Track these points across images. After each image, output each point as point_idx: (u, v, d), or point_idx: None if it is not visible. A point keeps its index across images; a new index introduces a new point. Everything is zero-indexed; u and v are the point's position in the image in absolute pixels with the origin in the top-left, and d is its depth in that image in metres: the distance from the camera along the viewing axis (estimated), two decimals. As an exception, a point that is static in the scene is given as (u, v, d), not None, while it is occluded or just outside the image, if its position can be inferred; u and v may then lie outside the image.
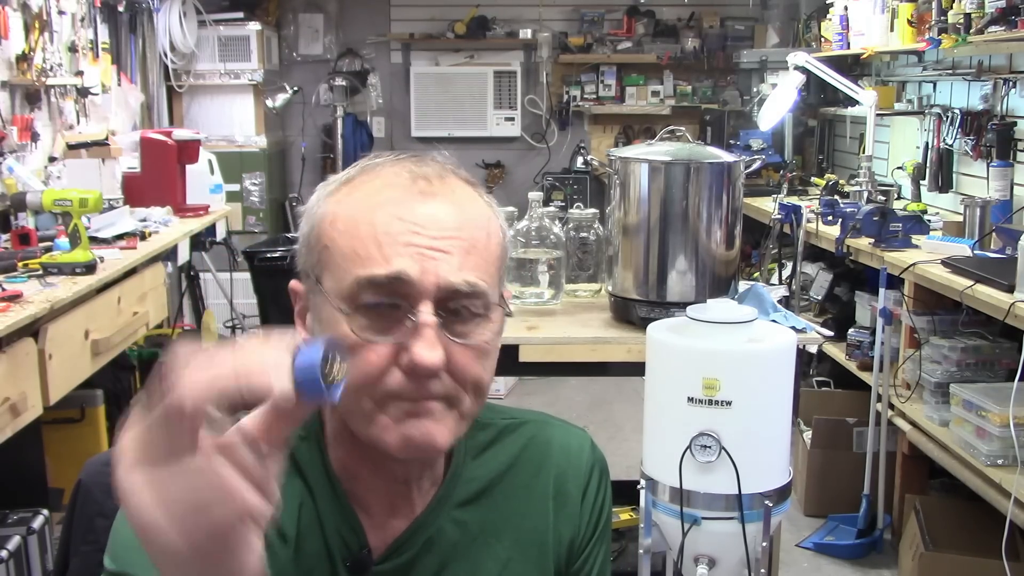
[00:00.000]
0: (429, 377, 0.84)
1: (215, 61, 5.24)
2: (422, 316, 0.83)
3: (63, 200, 2.80)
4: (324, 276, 0.87)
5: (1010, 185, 3.38)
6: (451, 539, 0.96)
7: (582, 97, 5.80)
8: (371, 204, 0.87)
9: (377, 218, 0.86)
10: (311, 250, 0.89)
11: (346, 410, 0.87)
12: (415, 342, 0.83)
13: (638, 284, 2.26)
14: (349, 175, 0.91)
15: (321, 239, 0.88)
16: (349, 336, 0.84)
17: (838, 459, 3.49)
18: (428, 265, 0.84)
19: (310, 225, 0.90)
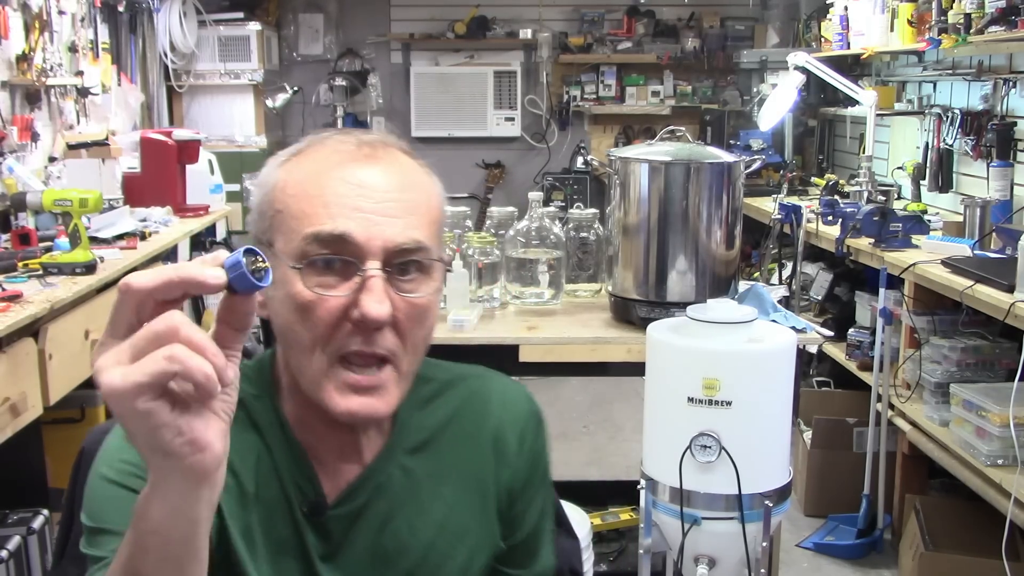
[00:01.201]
0: (377, 330, 0.91)
1: (215, 61, 5.24)
2: (370, 271, 0.91)
3: (63, 200, 2.80)
4: (276, 239, 0.94)
5: (1010, 185, 3.38)
6: (399, 485, 1.02)
7: (582, 97, 5.80)
8: (319, 169, 0.94)
9: (325, 181, 0.93)
10: (263, 216, 0.96)
11: (299, 368, 0.94)
12: (364, 296, 0.90)
13: (638, 284, 2.26)
14: (299, 147, 0.98)
15: (273, 204, 0.95)
16: (303, 293, 0.91)
17: (838, 459, 3.49)
18: (374, 228, 0.91)
19: (262, 193, 0.97)
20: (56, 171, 3.69)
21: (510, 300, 2.49)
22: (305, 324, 0.92)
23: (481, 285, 2.44)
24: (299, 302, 0.92)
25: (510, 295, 2.49)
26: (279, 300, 0.94)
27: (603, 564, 2.68)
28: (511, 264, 2.48)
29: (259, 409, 1.00)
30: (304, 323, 0.92)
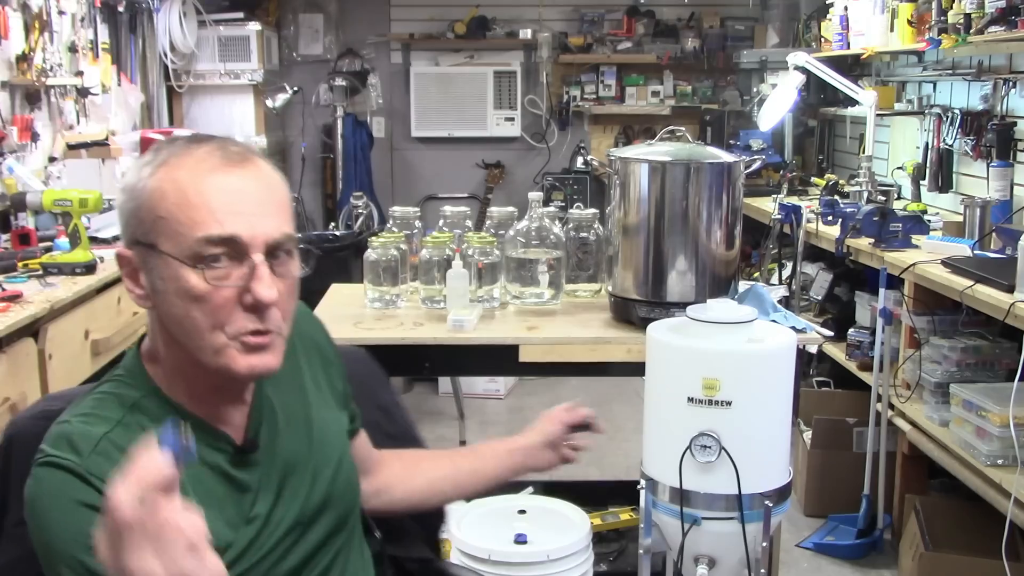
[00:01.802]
0: (267, 309, 1.10)
1: (215, 61, 5.24)
2: (258, 262, 1.09)
3: (63, 200, 2.80)
4: (160, 241, 1.09)
5: (1010, 185, 3.39)
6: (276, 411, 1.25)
7: (582, 97, 5.80)
8: (195, 178, 1.09)
9: (205, 189, 1.09)
10: (142, 221, 1.10)
11: (197, 347, 1.11)
12: (255, 283, 1.09)
13: (638, 284, 2.26)
14: (160, 158, 1.11)
15: (154, 211, 1.09)
16: (199, 285, 1.08)
17: (838, 459, 3.49)
18: (256, 227, 1.10)
19: (136, 201, 1.10)
20: (56, 171, 3.69)
21: (510, 300, 2.49)
22: (203, 311, 1.09)
23: (481, 285, 2.44)
24: (196, 293, 1.08)
25: (510, 295, 2.49)
26: (172, 293, 1.10)
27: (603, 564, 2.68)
28: (511, 264, 2.48)
29: (150, 406, 1.15)
30: (201, 310, 1.09)
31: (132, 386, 1.16)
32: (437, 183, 5.96)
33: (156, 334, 1.17)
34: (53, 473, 1.07)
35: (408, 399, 4.89)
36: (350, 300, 2.53)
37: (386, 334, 2.27)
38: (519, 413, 4.75)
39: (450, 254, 2.42)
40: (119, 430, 1.11)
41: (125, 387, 1.17)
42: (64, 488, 1.06)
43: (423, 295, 2.47)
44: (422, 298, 2.47)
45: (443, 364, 2.38)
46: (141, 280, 1.13)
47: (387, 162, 5.95)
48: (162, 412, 1.14)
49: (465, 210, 2.69)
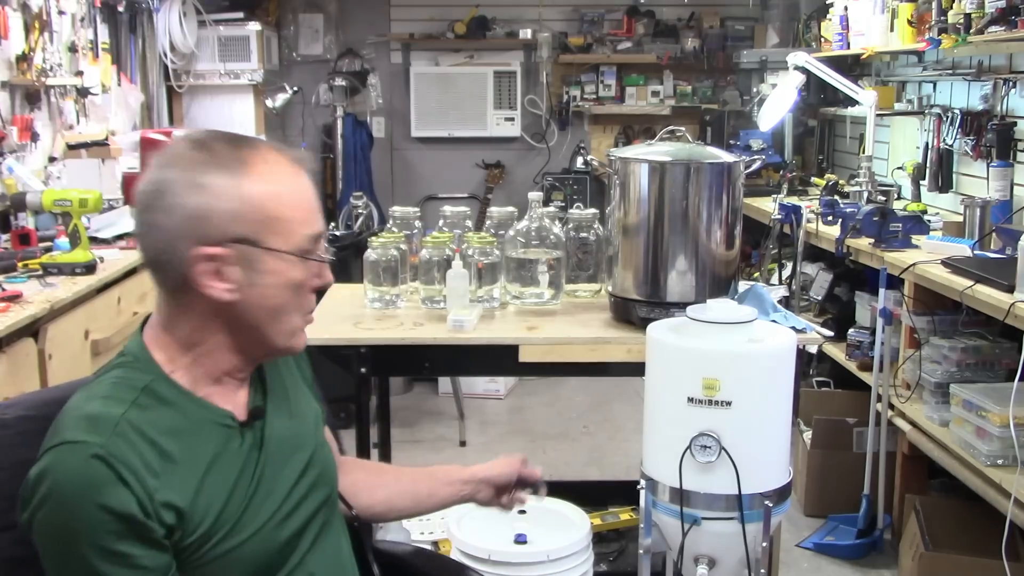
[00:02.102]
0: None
1: (215, 61, 5.23)
2: (328, 254, 1.29)
3: (63, 200, 2.80)
4: (270, 238, 1.21)
5: (1010, 185, 3.38)
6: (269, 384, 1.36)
7: (582, 97, 5.80)
8: (291, 181, 1.24)
9: (301, 191, 1.25)
10: (246, 221, 1.20)
11: (277, 331, 1.26)
12: (326, 271, 1.29)
13: (638, 284, 2.26)
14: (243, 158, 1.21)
15: (265, 211, 1.21)
16: (299, 276, 1.24)
17: (838, 459, 3.49)
18: (321, 220, 1.28)
19: (241, 202, 1.19)
20: (56, 171, 3.69)
21: (510, 300, 2.49)
22: (297, 298, 1.26)
23: (481, 285, 2.44)
24: (298, 283, 1.25)
25: (510, 295, 2.49)
26: (273, 284, 1.23)
27: (603, 564, 2.68)
28: (511, 264, 2.48)
29: (159, 389, 1.22)
30: (296, 297, 1.26)
31: (141, 370, 1.23)
32: (437, 183, 5.96)
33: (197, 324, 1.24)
34: (75, 454, 1.12)
35: (408, 399, 4.89)
36: (350, 300, 2.53)
37: (386, 334, 2.27)
38: (519, 413, 4.75)
39: (450, 254, 2.42)
40: (134, 411, 1.17)
41: (135, 371, 1.23)
42: (87, 471, 1.11)
43: (423, 295, 2.47)
44: (422, 298, 2.47)
45: (443, 364, 2.38)
46: (227, 274, 1.20)
47: (387, 162, 5.95)
48: (171, 394, 1.22)
49: (465, 210, 2.69)
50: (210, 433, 1.24)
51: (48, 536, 1.13)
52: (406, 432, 4.43)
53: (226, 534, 1.22)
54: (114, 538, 1.12)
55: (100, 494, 1.11)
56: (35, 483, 1.14)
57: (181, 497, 1.17)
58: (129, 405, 1.18)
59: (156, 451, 1.16)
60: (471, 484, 1.64)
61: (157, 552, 1.15)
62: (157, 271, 1.23)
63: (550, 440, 4.40)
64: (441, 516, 2.48)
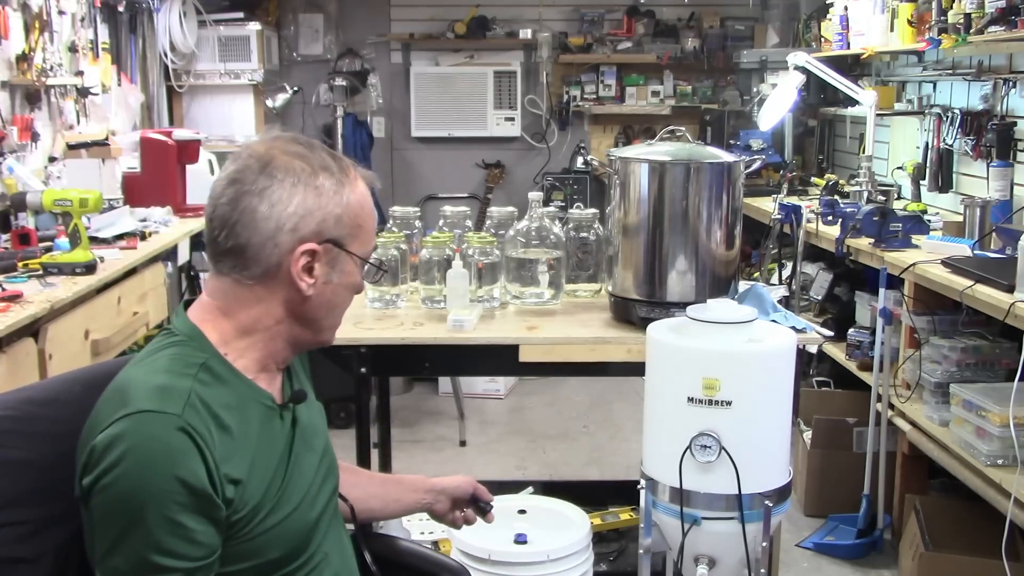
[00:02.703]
0: None
1: (215, 61, 5.23)
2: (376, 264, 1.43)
3: (63, 200, 2.80)
4: (351, 244, 1.33)
5: (1010, 185, 3.38)
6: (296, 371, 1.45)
7: (582, 97, 5.80)
8: (368, 196, 1.37)
9: (371, 205, 1.37)
10: (342, 225, 1.31)
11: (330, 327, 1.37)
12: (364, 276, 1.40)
13: (638, 284, 2.26)
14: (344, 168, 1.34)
15: (356, 219, 1.32)
16: (361, 281, 1.38)
17: (838, 459, 3.49)
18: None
19: (340, 208, 1.30)
20: (56, 171, 3.69)
21: (510, 300, 2.50)
22: (351, 299, 1.38)
23: (481, 285, 2.44)
24: (358, 285, 1.37)
25: (510, 295, 2.49)
26: (343, 284, 1.34)
27: (603, 564, 2.68)
28: (511, 264, 2.48)
29: (215, 367, 1.27)
30: (351, 298, 1.38)
31: (197, 348, 1.27)
32: (437, 183, 5.96)
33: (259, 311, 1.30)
34: (154, 423, 1.16)
35: (408, 399, 4.89)
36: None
37: (386, 334, 2.27)
38: (519, 413, 4.75)
39: (450, 254, 2.42)
40: (198, 386, 1.22)
41: (190, 349, 1.27)
42: (168, 440, 1.16)
43: (423, 295, 2.47)
44: (422, 298, 2.48)
45: (443, 364, 2.38)
46: (316, 271, 1.30)
47: (387, 162, 5.95)
48: (224, 373, 1.27)
49: (465, 210, 2.69)
50: (256, 412, 1.29)
51: (114, 501, 1.15)
52: (406, 432, 4.43)
53: (271, 510, 1.27)
54: (180, 509, 1.15)
55: (177, 464, 1.15)
56: (105, 449, 1.15)
57: (239, 471, 1.22)
58: (192, 379, 1.22)
59: (218, 425, 1.21)
60: (431, 493, 1.71)
61: (213, 530, 1.19)
62: (245, 257, 1.27)
63: (550, 440, 4.40)
64: (441, 516, 2.48)
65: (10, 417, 1.30)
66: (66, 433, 1.27)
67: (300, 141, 1.32)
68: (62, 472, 1.24)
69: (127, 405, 1.18)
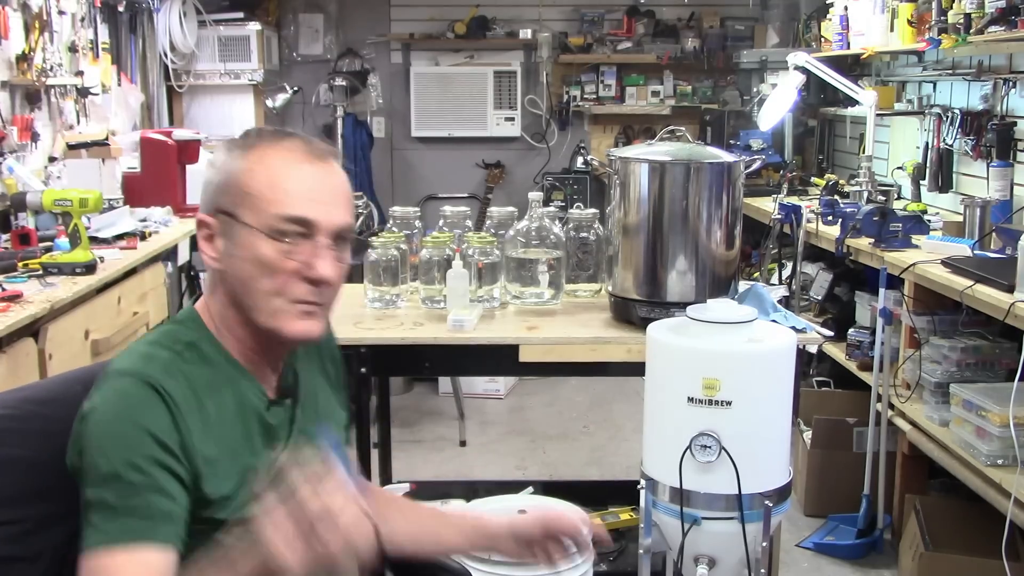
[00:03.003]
0: (322, 285, 1.27)
1: (215, 61, 5.24)
2: (324, 244, 1.26)
3: (63, 200, 2.80)
4: (242, 212, 1.25)
5: (1010, 185, 3.38)
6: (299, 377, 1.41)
7: (582, 97, 5.80)
8: (283, 165, 1.27)
9: (290, 175, 1.27)
10: (228, 194, 1.27)
11: (255, 307, 1.27)
12: (319, 261, 1.26)
13: (638, 284, 2.26)
14: (251, 143, 1.29)
15: (242, 187, 1.26)
16: (268, 254, 1.24)
17: (838, 459, 3.49)
18: (327, 215, 1.27)
19: (226, 176, 1.27)
20: (56, 171, 3.69)
21: (510, 300, 2.50)
22: (268, 277, 1.25)
23: (481, 285, 2.44)
24: (266, 261, 1.24)
25: (510, 295, 2.49)
26: (244, 258, 1.25)
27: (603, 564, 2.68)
28: (511, 264, 2.48)
29: (204, 348, 1.29)
30: (267, 276, 1.25)
31: (188, 329, 1.30)
32: (437, 183, 5.96)
33: (216, 294, 1.31)
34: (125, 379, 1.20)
35: (408, 399, 4.89)
36: (350, 300, 2.52)
37: (386, 334, 2.27)
38: (519, 413, 4.75)
39: (450, 254, 2.42)
40: (178, 360, 1.25)
41: (182, 329, 1.31)
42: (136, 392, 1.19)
43: (423, 295, 2.47)
44: (422, 298, 2.48)
45: (443, 364, 2.39)
46: (215, 243, 1.28)
47: (387, 162, 5.95)
48: (214, 355, 1.29)
49: (465, 210, 2.69)
50: (240, 399, 1.30)
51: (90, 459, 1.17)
52: (406, 432, 4.43)
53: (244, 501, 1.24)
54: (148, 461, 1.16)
55: (143, 415, 1.17)
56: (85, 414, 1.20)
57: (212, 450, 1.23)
58: (175, 355, 1.25)
59: (197, 401, 1.23)
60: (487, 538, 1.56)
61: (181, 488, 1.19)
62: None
63: (550, 440, 4.40)
64: (441, 516, 2.48)
65: (8, 416, 1.30)
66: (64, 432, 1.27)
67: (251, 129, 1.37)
68: (60, 471, 1.24)
69: (108, 369, 1.24)
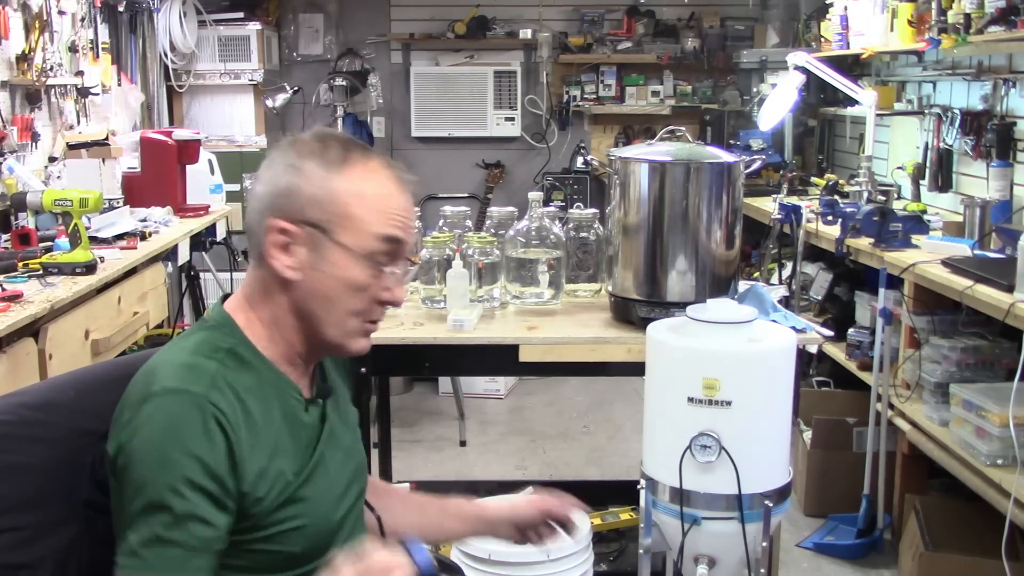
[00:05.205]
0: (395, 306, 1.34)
1: (215, 61, 5.24)
2: (406, 271, 1.34)
3: (63, 200, 2.80)
4: (339, 232, 1.26)
5: (1010, 185, 3.38)
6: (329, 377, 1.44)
7: (582, 97, 5.80)
8: (384, 190, 1.30)
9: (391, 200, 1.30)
10: (324, 210, 1.26)
11: (328, 323, 1.30)
12: (399, 289, 1.33)
13: (638, 284, 2.26)
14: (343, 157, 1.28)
15: (345, 206, 1.27)
16: (359, 277, 1.28)
17: (838, 459, 3.49)
18: (411, 240, 1.33)
19: (323, 190, 1.27)
20: (56, 171, 3.69)
21: (510, 300, 2.50)
22: (356, 298, 1.29)
23: (481, 285, 2.44)
24: (358, 284, 1.28)
25: (510, 295, 2.49)
26: (330, 275, 1.27)
27: (603, 564, 2.68)
28: (511, 264, 2.48)
29: (243, 353, 1.29)
30: (354, 298, 1.29)
31: (225, 334, 1.30)
32: (437, 183, 5.96)
33: (274, 300, 1.31)
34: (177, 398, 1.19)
35: (408, 399, 4.89)
36: (350, 300, 2.52)
37: (386, 334, 2.27)
38: (519, 413, 4.75)
39: (450, 254, 2.42)
40: (223, 369, 1.24)
41: (219, 335, 1.30)
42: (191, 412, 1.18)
43: (423, 295, 2.47)
44: (422, 298, 2.48)
45: (443, 364, 2.38)
46: (294, 252, 1.27)
47: (387, 162, 5.95)
48: (252, 358, 1.29)
49: (465, 210, 2.69)
50: (281, 401, 1.30)
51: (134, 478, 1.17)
52: (406, 432, 4.43)
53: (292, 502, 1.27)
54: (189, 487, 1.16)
55: (194, 441, 1.16)
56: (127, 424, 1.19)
57: (260, 458, 1.23)
58: (218, 364, 1.24)
59: (243, 408, 1.23)
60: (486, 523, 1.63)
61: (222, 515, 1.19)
62: (249, 238, 1.32)
63: (550, 440, 4.40)
64: (441, 516, 2.48)
65: (5, 422, 1.28)
66: (61, 438, 1.27)
67: (321, 133, 1.34)
68: (59, 477, 1.24)
69: (153, 384, 1.20)
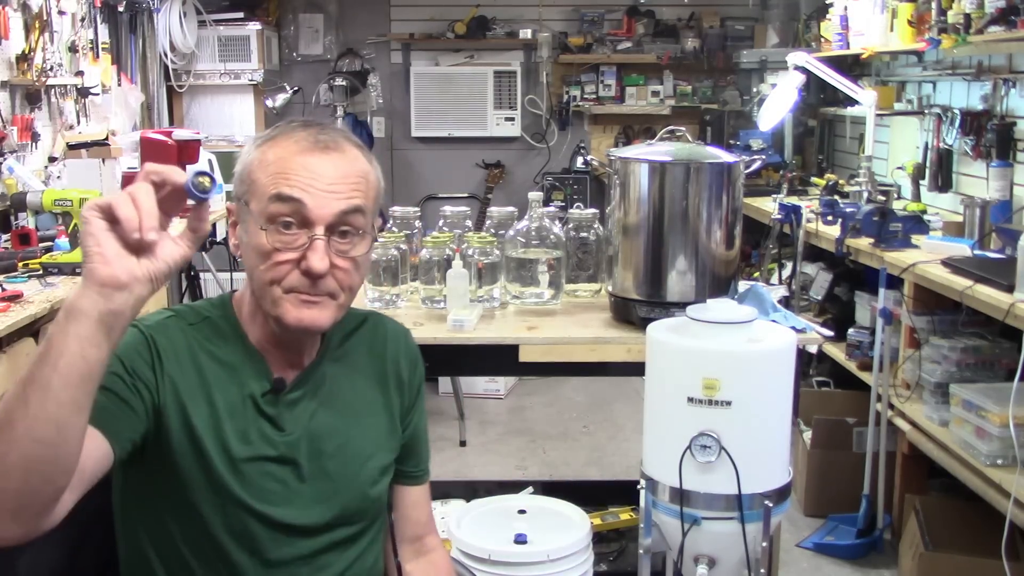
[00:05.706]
0: (318, 278, 1.27)
1: (215, 61, 5.24)
2: (316, 235, 1.26)
3: (63, 200, 2.80)
4: (251, 201, 1.28)
5: (1010, 185, 3.39)
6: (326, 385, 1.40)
7: (582, 97, 5.80)
8: (286, 154, 1.28)
9: (289, 163, 1.27)
10: (242, 181, 1.31)
11: (260, 294, 1.30)
12: (310, 253, 1.25)
13: (638, 284, 2.26)
14: (272, 133, 1.33)
15: (250, 175, 1.29)
16: (264, 244, 1.26)
17: (838, 459, 3.49)
18: (323, 206, 1.26)
19: (243, 165, 1.32)
20: (56, 171, 3.69)
21: (510, 300, 2.49)
22: (266, 266, 1.27)
23: (481, 285, 2.44)
24: (263, 251, 1.26)
25: (510, 295, 2.49)
26: (248, 246, 1.29)
27: (603, 564, 2.68)
28: (511, 264, 2.48)
29: (221, 325, 1.34)
30: (264, 266, 1.27)
31: (213, 307, 1.37)
32: (437, 183, 5.96)
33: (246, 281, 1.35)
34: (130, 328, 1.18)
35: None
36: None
37: (386, 334, 2.26)
38: (519, 413, 4.75)
39: (450, 254, 2.42)
40: (189, 328, 1.32)
41: (207, 306, 1.38)
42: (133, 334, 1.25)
43: (423, 295, 2.47)
44: (422, 298, 2.47)
45: (443, 364, 2.38)
46: (237, 232, 1.33)
47: (387, 162, 5.95)
48: (231, 333, 1.34)
49: (465, 210, 2.69)
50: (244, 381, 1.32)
51: None
52: (406, 432, 4.43)
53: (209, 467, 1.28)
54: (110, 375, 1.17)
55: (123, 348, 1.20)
56: None
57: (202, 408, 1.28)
58: (180, 320, 1.32)
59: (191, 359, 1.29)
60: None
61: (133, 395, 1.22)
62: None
63: (550, 440, 4.40)
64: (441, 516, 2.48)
65: None
66: None
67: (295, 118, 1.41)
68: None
69: None
